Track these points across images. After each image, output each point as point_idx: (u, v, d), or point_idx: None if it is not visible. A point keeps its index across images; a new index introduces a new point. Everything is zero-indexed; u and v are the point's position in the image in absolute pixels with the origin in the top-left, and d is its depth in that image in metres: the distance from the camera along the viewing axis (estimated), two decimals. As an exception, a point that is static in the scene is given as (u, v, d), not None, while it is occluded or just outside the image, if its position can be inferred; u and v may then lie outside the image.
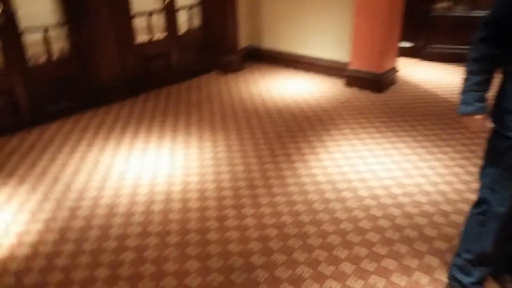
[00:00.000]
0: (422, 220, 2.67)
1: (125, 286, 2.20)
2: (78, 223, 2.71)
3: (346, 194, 2.96)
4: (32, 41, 4.06)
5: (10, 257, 2.40)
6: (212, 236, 2.57)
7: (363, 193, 2.97)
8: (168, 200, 2.94)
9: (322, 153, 3.55)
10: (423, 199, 2.89)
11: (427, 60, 5.98)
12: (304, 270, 2.28)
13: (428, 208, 2.79)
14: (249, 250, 2.44)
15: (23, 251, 2.45)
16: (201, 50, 5.62)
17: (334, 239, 2.52)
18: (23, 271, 2.30)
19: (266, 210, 2.81)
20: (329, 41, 5.36)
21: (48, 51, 4.15)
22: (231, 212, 2.80)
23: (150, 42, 4.99)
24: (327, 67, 5.48)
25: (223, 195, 2.98)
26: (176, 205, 2.88)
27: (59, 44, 4.29)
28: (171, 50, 5.22)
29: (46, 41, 4.12)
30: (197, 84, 5.35)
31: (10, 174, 3.25)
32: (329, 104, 4.61)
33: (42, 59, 4.14)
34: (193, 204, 2.89)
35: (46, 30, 4.10)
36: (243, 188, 3.07)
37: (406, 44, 6.02)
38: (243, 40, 5.94)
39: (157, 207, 2.86)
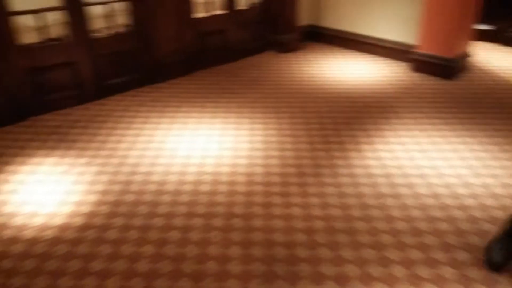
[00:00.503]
0: (489, 227, 2.44)
1: (169, 266, 2.23)
2: (130, 197, 2.78)
3: (403, 190, 2.78)
4: (97, 14, 4.16)
5: (66, 226, 2.51)
6: (257, 223, 2.53)
7: (422, 190, 2.77)
8: (215, 181, 2.93)
9: (379, 143, 3.35)
10: (492, 202, 2.64)
11: (508, 45, 5.42)
12: (350, 269, 2.17)
13: (497, 213, 2.54)
14: (293, 241, 2.37)
15: (78, 221, 2.56)
16: (259, 28, 5.50)
17: (385, 238, 2.37)
18: (76, 240, 2.40)
19: (314, 200, 2.71)
20: (396, 21, 5.00)
21: (111, 25, 4.24)
22: (277, 200, 2.73)
23: (207, 17, 4.94)
24: (392, 50, 5.15)
25: (270, 181, 2.92)
26: (223, 188, 2.86)
27: (122, 18, 4.36)
28: (228, 27, 5.15)
29: (110, 15, 4.21)
30: (252, 62, 5.26)
31: (70, 146, 3.40)
32: (391, 89, 4.34)
33: (105, 32, 4.24)
34: (240, 188, 2.85)
35: (110, 4, 4.19)
36: (292, 175, 2.98)
37: (484, 27, 5.48)
38: (303, 18, 5.73)
39: (204, 188, 2.86)
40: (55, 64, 3.88)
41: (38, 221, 2.54)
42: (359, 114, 3.84)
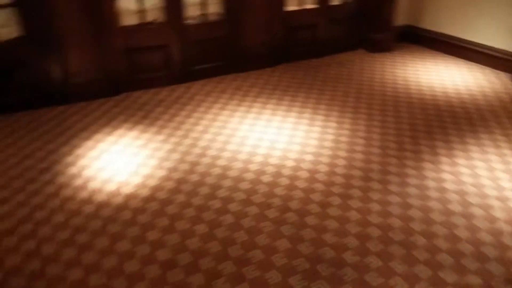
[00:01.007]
0: None
1: (217, 247, 2.30)
2: (194, 177, 2.92)
3: (475, 211, 2.53)
4: (192, 2, 4.39)
5: (133, 195, 2.72)
6: (310, 220, 2.49)
7: (498, 214, 2.49)
8: (277, 174, 2.94)
9: (460, 157, 3.08)
10: None
11: None
12: (398, 283, 2.05)
13: None
14: (343, 244, 2.30)
15: (144, 192, 2.76)
16: (351, 25, 5.34)
17: (445, 258, 2.19)
18: (139, 210, 2.60)
19: (375, 207, 2.59)
20: (504, 27, 4.51)
21: (204, 13, 4.45)
22: (336, 201, 2.65)
23: (298, 11, 4.93)
24: (495, 58, 4.66)
25: (333, 181, 2.85)
26: (284, 181, 2.86)
27: (214, 7, 4.54)
28: (318, 22, 5.08)
29: (203, 3, 4.42)
30: (340, 60, 5.13)
31: (152, 123, 3.66)
32: (486, 101, 3.94)
33: (198, 20, 4.45)
34: (301, 183, 2.83)
35: (204, -7, 4.40)
36: (357, 178, 2.87)
37: None
38: (400, 18, 5.43)
39: (265, 179, 2.89)
40: (149, 46, 4.19)
41: (110, 187, 2.79)
42: (443, 123, 3.56)
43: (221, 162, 3.09)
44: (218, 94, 4.23)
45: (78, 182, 2.83)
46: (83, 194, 2.71)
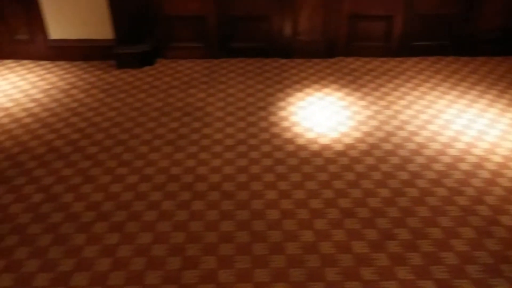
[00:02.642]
0: None
1: (396, 213, 2.37)
2: (387, 146, 2.99)
3: None
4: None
5: (327, 147, 2.98)
6: (505, 220, 2.31)
7: None
8: (478, 165, 2.76)
9: None
10: None
11: None
12: None
13: None
14: (539, 255, 2.07)
15: (338, 147, 2.98)
16: None
17: None
18: (331, 160, 2.84)
19: None
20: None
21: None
22: (543, 209, 2.36)
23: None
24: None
25: (545, 189, 2.52)
26: (484, 174, 2.68)
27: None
28: None
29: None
30: None
31: (357, 89, 3.81)
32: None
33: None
34: (504, 182, 2.60)
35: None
36: None
37: None
38: None
39: (463, 166, 2.75)
40: (374, 15, 4.27)
41: (310, 135, 3.11)
42: None
43: (418, 139, 3.05)
44: (431, 73, 4.07)
45: (286, 124, 3.25)
46: (288, 135, 3.11)
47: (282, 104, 3.54)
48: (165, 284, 1.97)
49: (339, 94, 3.71)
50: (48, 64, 4.25)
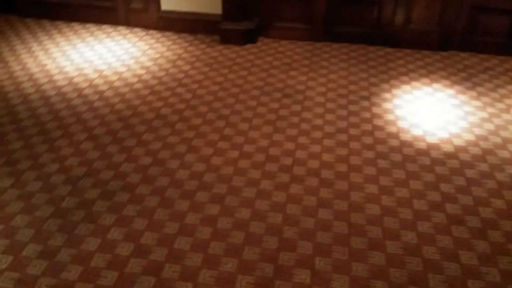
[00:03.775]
0: None
1: (499, 237, 2.17)
2: (504, 154, 2.72)
3: None
4: None
5: (436, 146, 2.79)
6: None
7: None
8: None
9: None
10: None
11: None
12: None
13: None
14: None
15: (447, 148, 2.77)
16: None
17: None
18: (438, 161, 2.66)
19: None
20: None
21: None
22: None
23: None
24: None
25: None
26: None
27: None
28: None
29: None
30: None
31: (472, 87, 3.50)
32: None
33: None
34: None
35: None
36: None
37: None
38: None
39: None
40: (498, 8, 3.86)
41: (416, 131, 2.93)
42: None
43: None
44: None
45: (390, 117, 3.09)
46: (392, 129, 2.97)
47: (386, 95, 3.37)
48: (262, 262, 2.00)
49: (450, 91, 3.44)
50: (156, 33, 4.45)
